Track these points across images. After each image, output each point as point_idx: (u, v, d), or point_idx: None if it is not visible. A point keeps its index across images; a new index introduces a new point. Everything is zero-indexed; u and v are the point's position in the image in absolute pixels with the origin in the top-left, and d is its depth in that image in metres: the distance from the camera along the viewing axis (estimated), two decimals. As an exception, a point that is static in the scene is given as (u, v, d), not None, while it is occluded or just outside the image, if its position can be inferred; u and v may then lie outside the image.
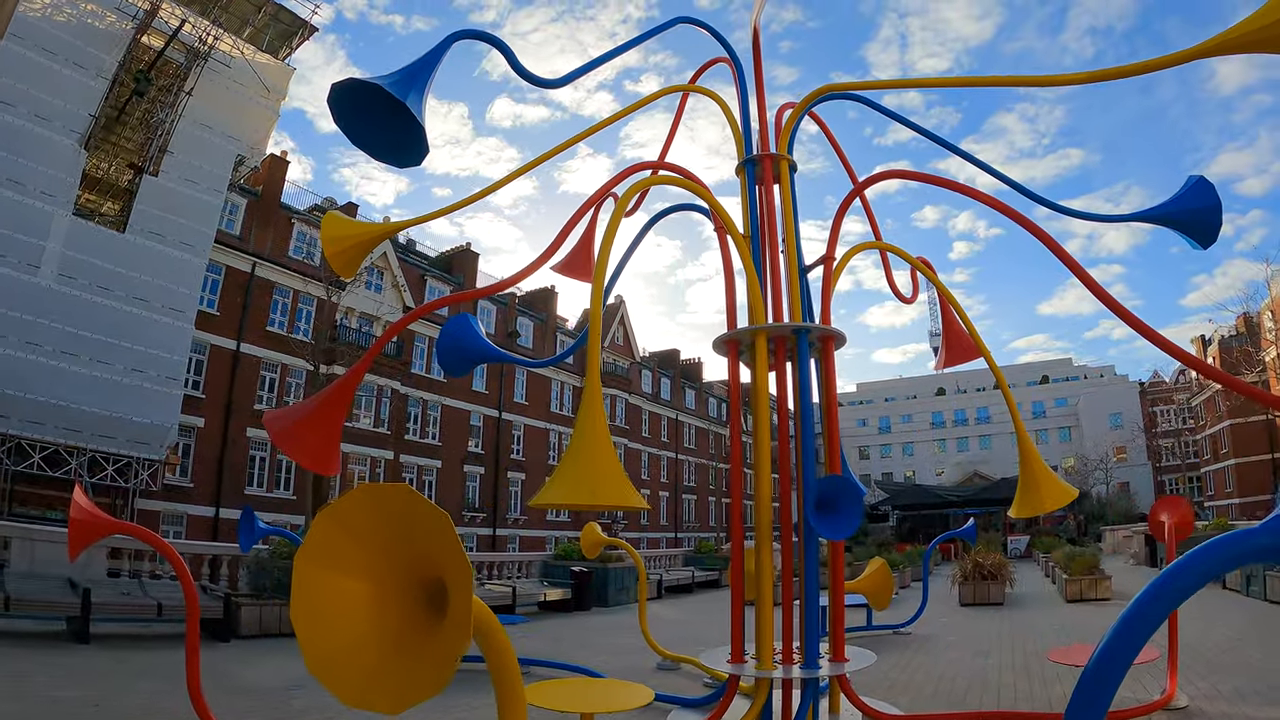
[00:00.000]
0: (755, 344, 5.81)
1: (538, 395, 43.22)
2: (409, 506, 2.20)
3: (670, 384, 61.25)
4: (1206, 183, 6.01)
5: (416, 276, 34.60)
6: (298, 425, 4.97)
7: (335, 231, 5.43)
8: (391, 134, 4.64)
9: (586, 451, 3.82)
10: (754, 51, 8.03)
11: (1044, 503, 5.94)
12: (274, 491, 27.02)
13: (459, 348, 6.98)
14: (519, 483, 40.46)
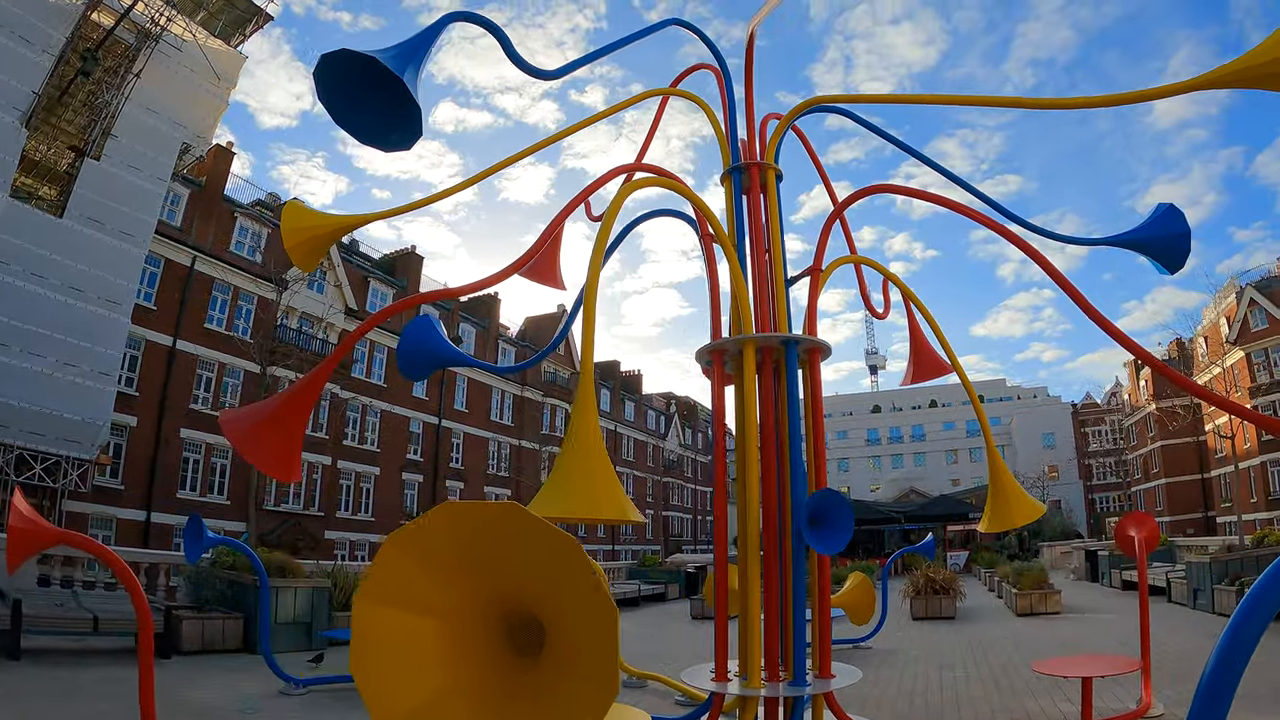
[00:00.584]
0: (743, 354, 5.73)
1: (478, 403, 42.89)
2: (516, 528, 1.90)
3: (610, 395, 61.38)
4: (1176, 210, 6.25)
5: (359, 278, 34.11)
6: (258, 427, 4.58)
7: (296, 222, 5.20)
8: (377, 115, 4.43)
9: (583, 462, 3.72)
10: (747, 57, 8.03)
11: (1014, 518, 6.12)
12: (208, 496, 26.22)
13: (421, 350, 6.99)
14: (458, 492, 40.03)
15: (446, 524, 1.99)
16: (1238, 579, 14.49)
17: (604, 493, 3.67)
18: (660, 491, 67.75)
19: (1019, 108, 6.24)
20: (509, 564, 1.94)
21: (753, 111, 7.36)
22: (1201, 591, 15.77)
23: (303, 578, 11.74)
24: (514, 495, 44.44)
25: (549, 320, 54.64)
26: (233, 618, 10.76)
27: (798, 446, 6.12)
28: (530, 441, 47.05)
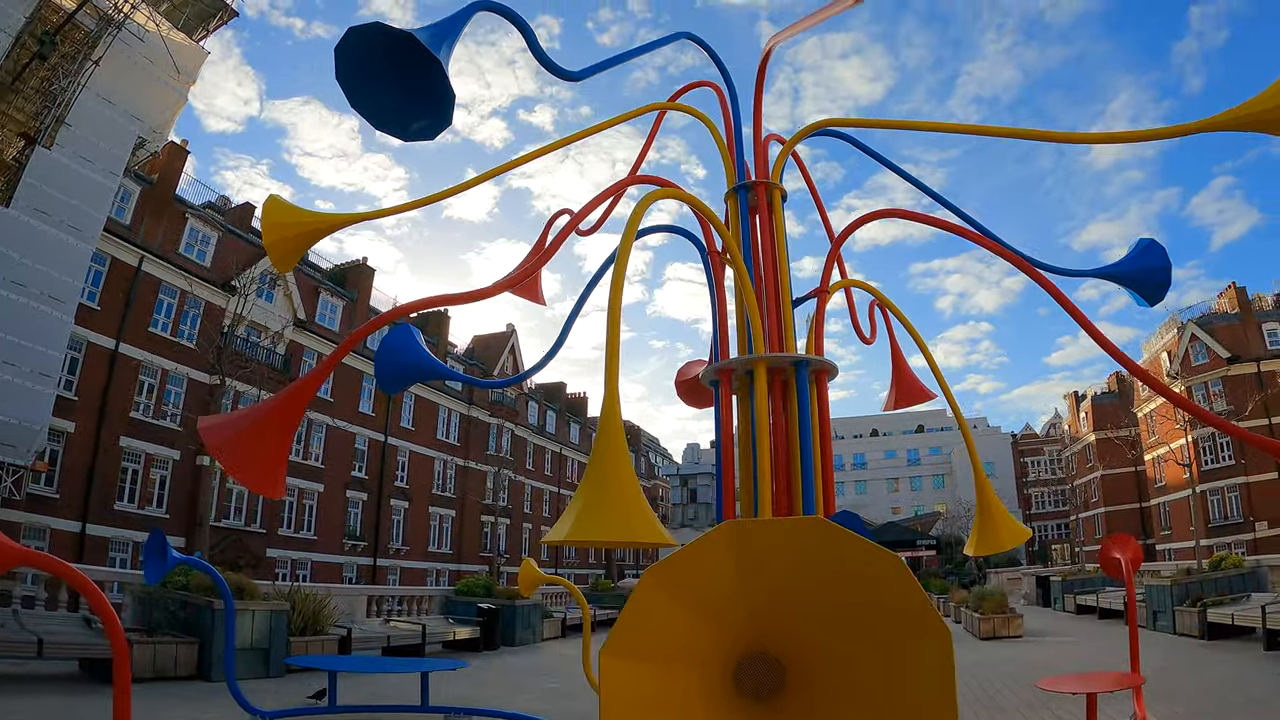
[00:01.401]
0: (754, 375, 5.91)
1: (425, 421, 42.32)
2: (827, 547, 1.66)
3: (556, 417, 61.15)
4: (1158, 245, 6.17)
5: (310, 288, 33.55)
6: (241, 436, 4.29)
7: (278, 217, 4.82)
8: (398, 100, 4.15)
9: (615, 483, 3.32)
10: (759, 73, 8.22)
11: (1003, 541, 6.26)
12: (146, 509, 25.29)
13: (400, 362, 6.91)
14: (402, 511, 39.37)
15: (730, 548, 1.70)
16: (1199, 600, 15.17)
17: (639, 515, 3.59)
18: (604, 516, 67.46)
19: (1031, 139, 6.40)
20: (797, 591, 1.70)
21: (760, 129, 7.66)
22: (1162, 613, 16.41)
23: (259, 600, 11.10)
24: (458, 517, 43.83)
25: (497, 339, 54.35)
26: (186, 642, 10.08)
27: (809, 468, 6.54)
28: (477, 462, 46.51)
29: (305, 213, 5.49)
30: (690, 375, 9.30)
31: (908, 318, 6.45)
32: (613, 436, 3.57)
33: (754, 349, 6.09)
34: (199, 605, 10.44)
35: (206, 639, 10.09)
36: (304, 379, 4.55)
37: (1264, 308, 42.65)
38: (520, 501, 51.73)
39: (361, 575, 35.11)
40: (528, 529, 52.59)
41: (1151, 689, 8.10)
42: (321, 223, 5.51)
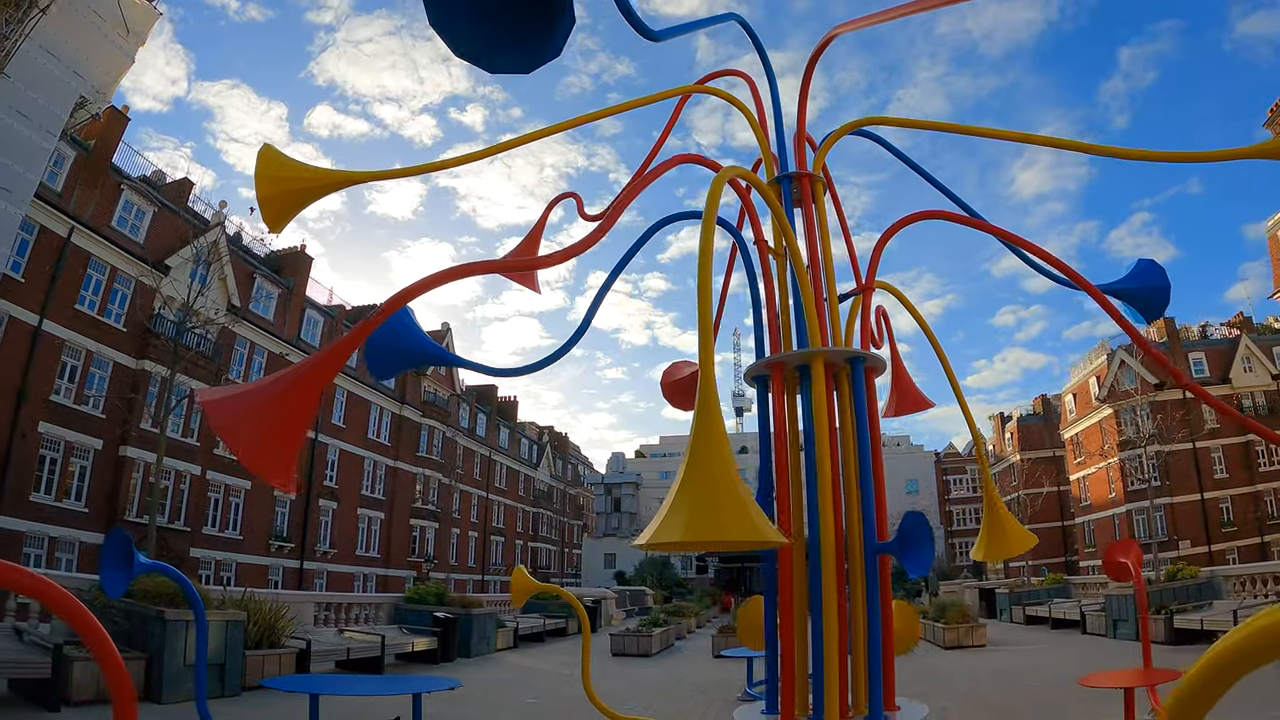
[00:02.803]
0: (813, 369, 5.46)
1: (356, 419, 40.92)
2: None
3: (486, 421, 60.05)
4: (1158, 266, 6.49)
5: (245, 273, 32.00)
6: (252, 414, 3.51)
7: (275, 170, 4.51)
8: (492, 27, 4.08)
9: (725, 478, 3.17)
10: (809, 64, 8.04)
11: (1011, 547, 6.13)
12: (64, 501, 23.55)
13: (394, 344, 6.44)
14: (330, 512, 37.93)
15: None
16: (1163, 609, 15.79)
17: (750, 512, 3.08)
18: (529, 522, 66.59)
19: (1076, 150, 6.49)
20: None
21: (804, 121, 7.43)
22: (1123, 621, 16.94)
23: (213, 608, 9.88)
24: (387, 519, 42.47)
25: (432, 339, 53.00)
26: (133, 658, 8.92)
27: (867, 464, 6.32)
28: (407, 463, 45.22)
29: (304, 167, 4.74)
30: (679, 376, 8.97)
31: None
32: (714, 428, 3.31)
33: (809, 343, 5.67)
34: (146, 615, 9.35)
35: (155, 654, 9.04)
36: (328, 350, 3.93)
37: (1190, 338, 44.85)
38: (449, 505, 50.49)
39: (287, 579, 33.61)
40: (456, 533, 51.34)
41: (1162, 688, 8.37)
42: (321, 179, 4.77)
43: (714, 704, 10.24)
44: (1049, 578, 27.63)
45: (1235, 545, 39.31)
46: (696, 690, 11.34)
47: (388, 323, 6.38)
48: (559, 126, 6.40)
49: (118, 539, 6.22)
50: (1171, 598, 16.51)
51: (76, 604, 2.56)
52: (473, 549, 54.38)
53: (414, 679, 9.62)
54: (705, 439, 3.23)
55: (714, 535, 2.89)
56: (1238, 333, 44.95)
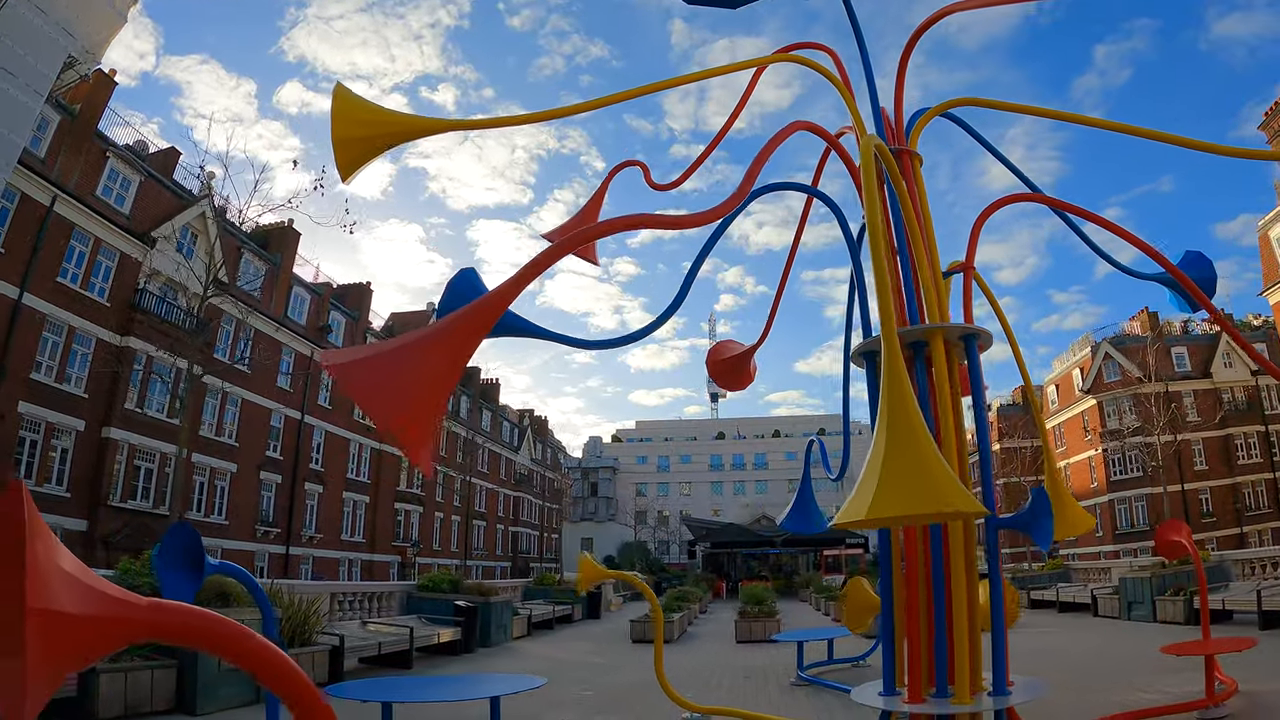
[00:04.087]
0: (931, 345, 5.61)
1: (342, 400, 39.38)
2: None
3: (469, 402, 58.71)
4: (1206, 257, 7.04)
5: (232, 247, 30.37)
6: (393, 378, 2.85)
7: (353, 111, 4.15)
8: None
9: (927, 448, 3.10)
10: (912, 39, 7.64)
11: (1073, 527, 6.47)
12: (45, 486, 21.97)
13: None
14: (316, 496, 36.56)
15: None
16: (1180, 590, 15.85)
17: (953, 482, 3.04)
18: (510, 506, 65.42)
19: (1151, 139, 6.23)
20: None
21: (901, 97, 6.93)
22: (1138, 604, 16.91)
23: (246, 605, 8.87)
24: (372, 503, 41.13)
25: (417, 318, 51.67)
26: (163, 667, 7.93)
27: (986, 439, 6.14)
28: (392, 446, 43.85)
29: (382, 110, 4.31)
30: (727, 355, 8.38)
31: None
32: (906, 399, 3.28)
33: (925, 319, 5.98)
34: None
35: (187, 661, 8.02)
36: (482, 302, 3.03)
37: (1172, 333, 44.80)
38: (433, 489, 49.23)
39: (273, 564, 32.25)
40: (439, 517, 50.11)
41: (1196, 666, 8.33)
42: (402, 125, 4.36)
43: (768, 689, 9.64)
44: (1049, 563, 27.85)
45: (1215, 535, 39.29)
46: (742, 676, 10.63)
47: (460, 288, 5.66)
48: (641, 90, 5.79)
49: (181, 535, 5.21)
50: (1187, 580, 16.28)
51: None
52: (455, 533, 53.14)
53: (490, 679, 8.58)
54: (904, 415, 3.18)
55: (936, 507, 3.02)
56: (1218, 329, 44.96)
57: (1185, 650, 7.47)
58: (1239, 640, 8.02)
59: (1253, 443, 42.04)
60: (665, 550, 77.41)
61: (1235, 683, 7.37)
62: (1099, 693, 7.89)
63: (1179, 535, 8.13)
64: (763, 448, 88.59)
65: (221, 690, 8.00)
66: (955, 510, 3.09)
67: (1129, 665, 10.24)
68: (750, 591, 19.48)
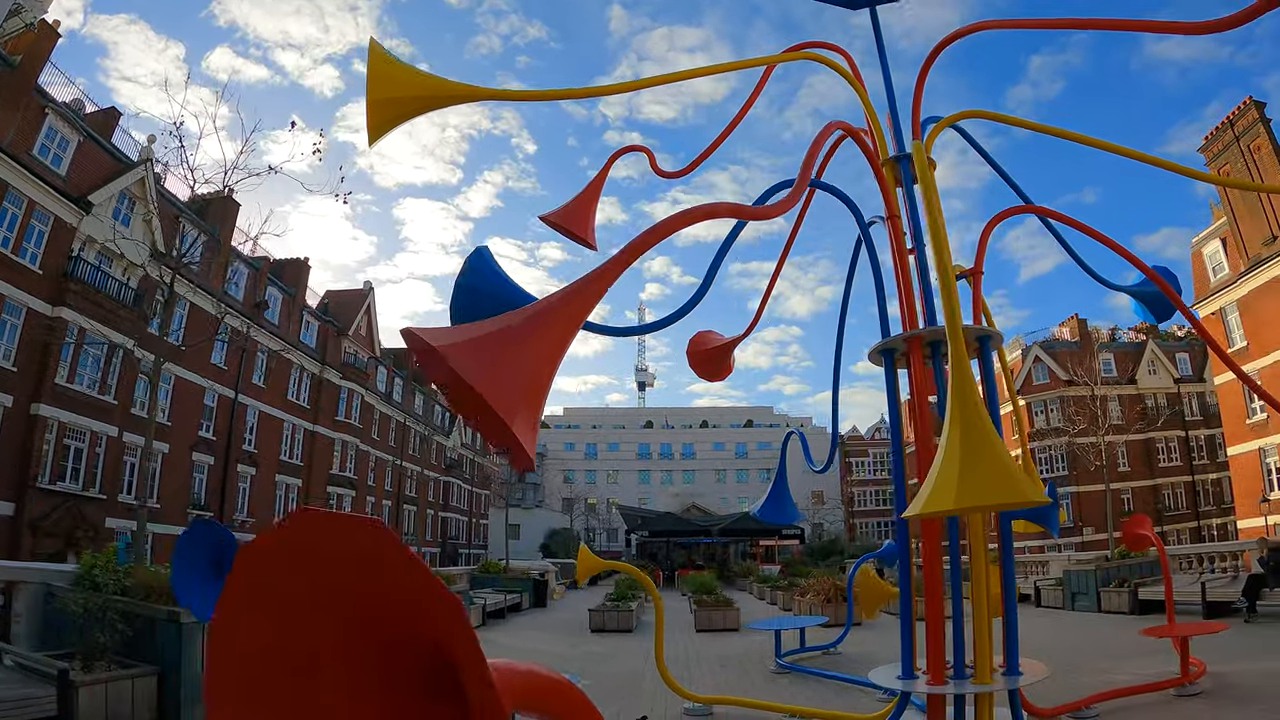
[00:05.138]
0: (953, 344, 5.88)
1: (277, 379, 38.13)
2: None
3: (402, 385, 57.35)
4: (1171, 273, 7.64)
5: (171, 216, 28.77)
6: (508, 358, 2.45)
7: (391, 71, 4.01)
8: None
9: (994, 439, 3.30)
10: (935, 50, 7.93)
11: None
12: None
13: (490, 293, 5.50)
14: (249, 478, 35.22)
15: None
16: (1124, 582, 16.74)
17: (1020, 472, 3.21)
18: (440, 491, 64.25)
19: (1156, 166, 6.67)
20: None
21: (919, 104, 7.09)
22: (1083, 595, 17.77)
23: None
24: (304, 487, 39.76)
25: (353, 296, 50.13)
26: (143, 674, 7.20)
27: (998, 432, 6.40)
28: (327, 427, 42.42)
29: (418, 72, 4.17)
30: (708, 346, 8.45)
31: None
32: (975, 397, 3.45)
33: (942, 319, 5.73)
34: (154, 618, 7.58)
35: (169, 665, 7.36)
36: (594, 275, 2.76)
37: (1101, 339, 46.68)
38: (365, 473, 47.89)
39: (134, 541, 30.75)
40: (371, 502, 48.77)
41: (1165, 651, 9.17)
42: (438, 89, 4.20)
43: (750, 676, 9.84)
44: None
45: None
46: (719, 665, 10.82)
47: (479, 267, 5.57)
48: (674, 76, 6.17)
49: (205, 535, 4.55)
50: (1130, 573, 17.27)
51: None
52: (386, 518, 51.82)
53: None
54: (975, 412, 3.32)
55: (1016, 497, 3.06)
56: (1144, 337, 47.19)
57: (1165, 633, 8.15)
58: (1212, 625, 9.10)
59: (1173, 446, 44.28)
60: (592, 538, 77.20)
61: (1204, 664, 7.86)
62: (1076, 674, 8.28)
63: (1144, 529, 8.95)
64: (690, 438, 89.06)
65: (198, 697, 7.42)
66: (1029, 500, 3.16)
67: (1095, 651, 10.74)
68: (698, 580, 19.53)
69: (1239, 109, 28.28)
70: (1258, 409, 29.83)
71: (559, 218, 6.58)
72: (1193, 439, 43.77)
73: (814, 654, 11.43)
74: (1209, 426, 43.75)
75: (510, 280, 6.08)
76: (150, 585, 8.03)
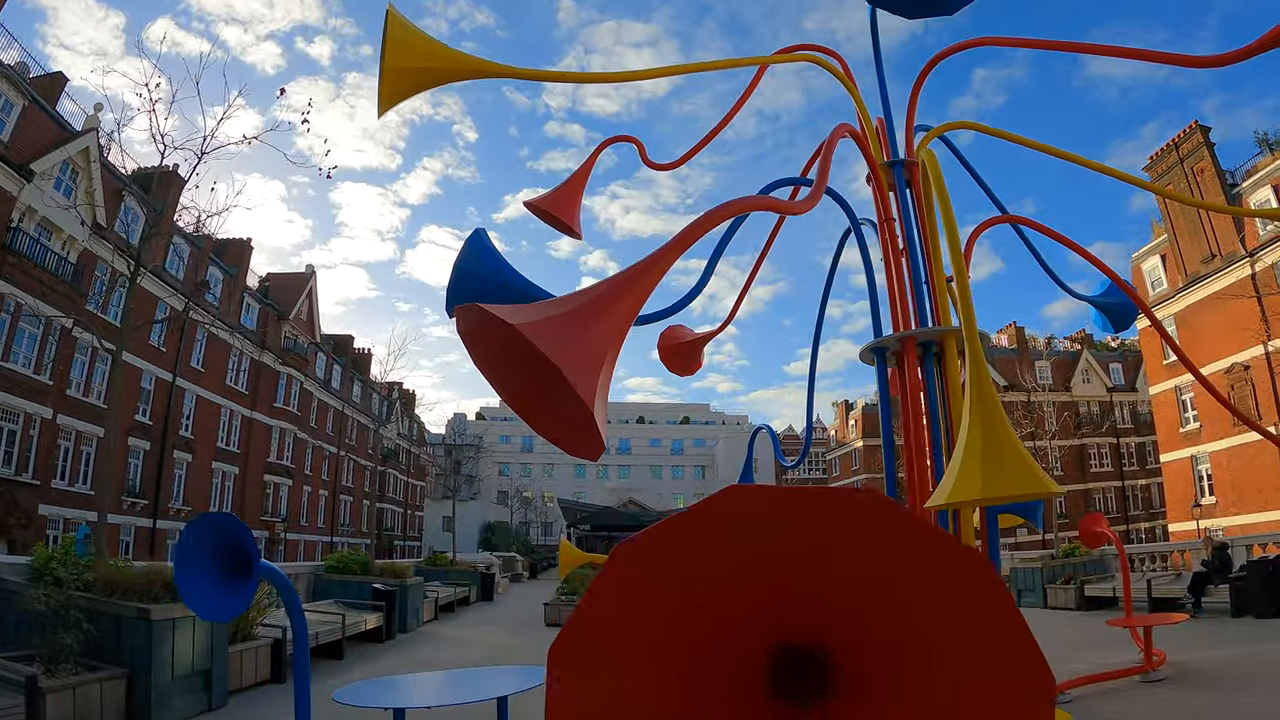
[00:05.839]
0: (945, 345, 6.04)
1: (215, 362, 36.85)
2: None
3: (341, 372, 56.01)
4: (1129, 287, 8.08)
5: (113, 189, 27.53)
6: (585, 337, 2.34)
7: (410, 39, 3.97)
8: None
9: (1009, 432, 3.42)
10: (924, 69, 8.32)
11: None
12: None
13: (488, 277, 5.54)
14: (185, 465, 33.97)
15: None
16: (1070, 579, 17.40)
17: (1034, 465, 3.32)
18: (376, 481, 62.87)
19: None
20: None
21: (913, 111, 7.29)
22: (1029, 591, 18.36)
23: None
24: (241, 475, 38.51)
25: (294, 280, 48.69)
26: (112, 677, 6.75)
27: None
28: (264, 414, 41.17)
29: (436, 43, 4.11)
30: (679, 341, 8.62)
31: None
32: (988, 382, 3.53)
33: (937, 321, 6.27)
34: (121, 615, 7.10)
35: (138, 667, 6.92)
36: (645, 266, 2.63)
37: (1037, 347, 48.22)
38: (303, 462, 46.63)
39: (139, 540, 29.76)
40: (308, 491, 47.51)
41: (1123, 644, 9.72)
42: (457, 63, 4.16)
43: None
44: None
45: (1067, 535, 42.63)
46: None
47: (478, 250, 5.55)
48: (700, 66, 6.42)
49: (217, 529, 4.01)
50: (1075, 570, 17.97)
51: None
52: (322, 508, 50.61)
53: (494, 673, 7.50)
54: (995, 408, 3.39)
55: (1037, 488, 3.17)
56: (1079, 347, 48.91)
57: (1134, 623, 8.95)
58: (1174, 616, 9.45)
59: (1104, 452, 46.08)
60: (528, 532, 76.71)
61: (1164, 653, 8.42)
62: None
63: (1100, 527, 9.54)
64: (626, 433, 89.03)
65: (174, 700, 7.12)
66: (1047, 491, 3.28)
67: (1051, 643, 11.25)
68: None
69: (1184, 132, 29.58)
70: (1191, 418, 31.26)
71: (546, 204, 6.56)
72: (1124, 446, 45.66)
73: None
74: (1139, 434, 45.72)
75: (508, 264, 5.99)
76: (114, 580, 7.51)
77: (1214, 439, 29.73)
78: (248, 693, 7.71)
